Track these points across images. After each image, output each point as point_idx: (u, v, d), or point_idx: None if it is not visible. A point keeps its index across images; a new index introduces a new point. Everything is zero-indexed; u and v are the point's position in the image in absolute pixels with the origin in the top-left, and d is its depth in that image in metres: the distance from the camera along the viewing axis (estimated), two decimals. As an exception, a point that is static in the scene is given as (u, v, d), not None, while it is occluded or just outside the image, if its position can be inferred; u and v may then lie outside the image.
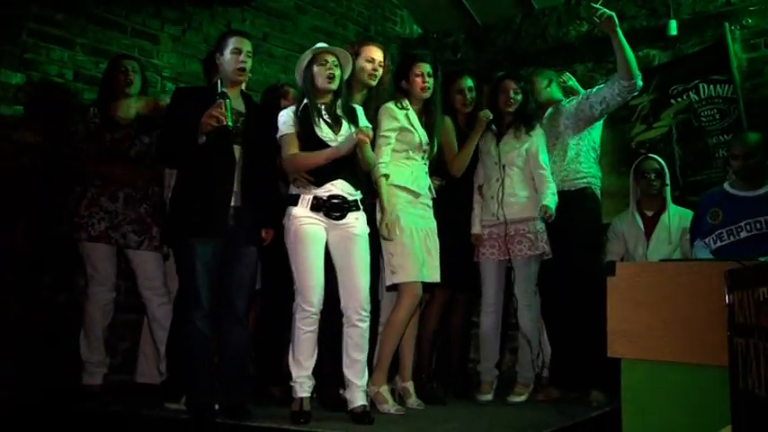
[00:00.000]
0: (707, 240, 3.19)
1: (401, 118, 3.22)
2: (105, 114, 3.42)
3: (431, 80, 3.27)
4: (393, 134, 3.18)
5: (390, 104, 3.24)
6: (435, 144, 3.34)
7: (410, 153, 3.24)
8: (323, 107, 2.93)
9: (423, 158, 3.29)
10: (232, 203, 2.91)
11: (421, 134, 3.25)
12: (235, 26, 4.53)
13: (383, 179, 3.09)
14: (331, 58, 2.91)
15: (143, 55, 4.03)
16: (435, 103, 3.34)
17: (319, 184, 2.87)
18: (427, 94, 3.29)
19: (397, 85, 3.34)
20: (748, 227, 3.11)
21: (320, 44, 3.02)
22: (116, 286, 3.48)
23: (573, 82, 3.77)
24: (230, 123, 2.79)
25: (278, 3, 4.87)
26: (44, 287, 3.58)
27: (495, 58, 5.26)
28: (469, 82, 3.59)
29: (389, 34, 5.68)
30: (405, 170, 3.20)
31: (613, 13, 3.20)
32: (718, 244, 3.15)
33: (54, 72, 3.69)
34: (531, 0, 5.18)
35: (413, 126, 3.24)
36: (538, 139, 3.47)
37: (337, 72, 2.92)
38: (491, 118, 3.47)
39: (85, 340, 3.36)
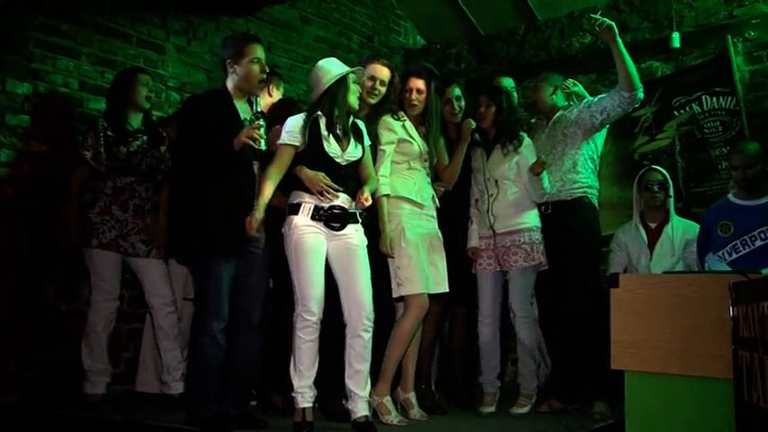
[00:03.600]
0: (721, 254, 3.18)
1: (398, 129, 3.23)
2: (117, 127, 3.43)
3: (420, 96, 3.27)
4: (391, 147, 3.19)
5: (387, 117, 3.25)
6: (434, 153, 3.35)
7: (411, 164, 3.25)
8: (338, 121, 2.93)
9: (425, 168, 3.30)
10: None
11: (420, 143, 3.26)
12: (240, 36, 4.56)
13: (384, 199, 3.10)
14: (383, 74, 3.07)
15: (148, 65, 4.05)
16: (432, 115, 3.32)
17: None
18: (416, 111, 3.29)
19: (399, 97, 3.34)
20: (762, 235, 3.11)
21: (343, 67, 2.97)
22: (120, 296, 3.49)
23: (579, 87, 3.74)
24: (264, 147, 2.81)
25: (282, 14, 4.90)
26: (48, 295, 3.58)
27: (498, 70, 5.26)
28: (457, 91, 3.60)
29: (393, 45, 5.71)
30: (408, 181, 3.21)
31: (613, 23, 3.20)
32: (734, 256, 3.15)
33: (60, 82, 3.72)
34: (535, 12, 5.21)
35: (411, 136, 3.24)
36: (526, 151, 3.46)
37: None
38: (474, 126, 3.47)
39: (87, 349, 3.36)
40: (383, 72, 3.27)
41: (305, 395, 2.82)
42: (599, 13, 3.24)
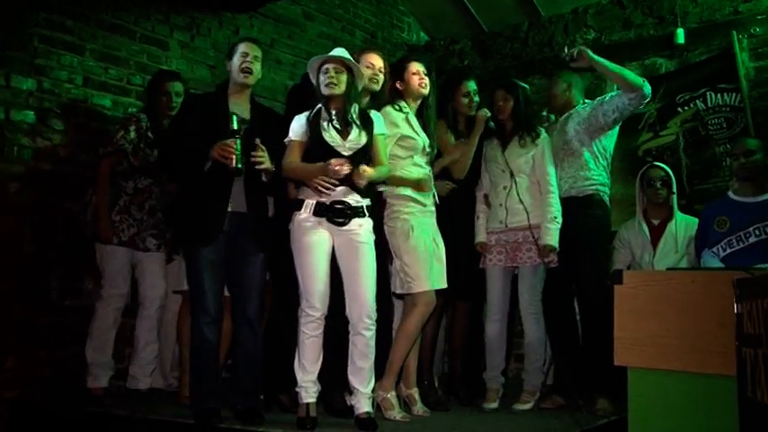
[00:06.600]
0: (715, 249, 3.19)
1: (401, 123, 3.21)
2: (155, 129, 3.49)
3: (427, 78, 3.26)
4: (392, 141, 3.17)
5: (389, 109, 3.21)
6: (435, 145, 3.33)
7: (415, 158, 3.23)
8: (334, 112, 2.94)
9: (427, 163, 3.30)
10: (236, 209, 2.96)
11: (423, 138, 3.24)
12: (243, 33, 4.56)
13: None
14: (331, 66, 2.92)
15: (152, 61, 4.07)
16: (429, 104, 3.31)
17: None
18: (425, 91, 3.26)
19: (392, 88, 3.29)
20: (756, 231, 3.12)
21: (333, 53, 2.98)
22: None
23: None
24: (239, 165, 2.84)
25: (286, 10, 4.90)
26: (52, 291, 3.59)
27: (501, 66, 5.27)
28: (473, 85, 3.60)
29: (396, 41, 5.71)
30: (412, 177, 3.21)
31: (582, 47, 3.30)
32: (728, 251, 3.15)
33: (64, 78, 3.72)
34: (538, 8, 5.19)
35: (414, 130, 3.23)
36: (544, 145, 3.46)
37: (342, 78, 2.90)
38: (489, 116, 3.48)
39: (91, 342, 3.39)
40: (378, 60, 3.25)
41: (308, 390, 2.83)
42: (564, 49, 3.42)
